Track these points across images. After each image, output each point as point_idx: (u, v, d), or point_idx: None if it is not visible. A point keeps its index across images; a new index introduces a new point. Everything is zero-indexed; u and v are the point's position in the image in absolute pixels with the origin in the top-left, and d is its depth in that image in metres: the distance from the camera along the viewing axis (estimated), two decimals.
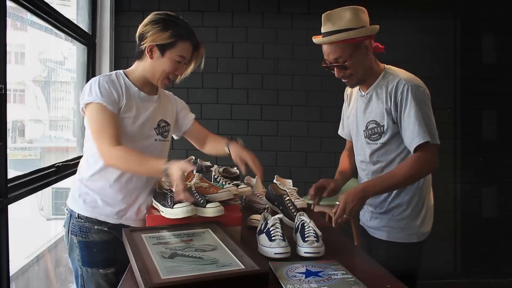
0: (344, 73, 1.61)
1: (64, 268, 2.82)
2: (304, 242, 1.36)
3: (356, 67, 1.58)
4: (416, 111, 1.50)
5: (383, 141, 1.61)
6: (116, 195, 1.53)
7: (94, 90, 1.46)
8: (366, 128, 1.65)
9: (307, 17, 3.17)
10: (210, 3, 3.14)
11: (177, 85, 3.26)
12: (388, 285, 1.14)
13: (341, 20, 1.56)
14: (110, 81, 1.50)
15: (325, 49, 1.61)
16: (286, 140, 3.20)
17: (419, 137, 1.49)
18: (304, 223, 1.44)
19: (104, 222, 1.52)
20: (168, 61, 1.51)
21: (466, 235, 3.28)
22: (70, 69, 2.94)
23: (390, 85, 1.57)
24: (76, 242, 1.52)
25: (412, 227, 1.63)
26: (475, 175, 3.27)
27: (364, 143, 1.68)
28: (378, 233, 1.68)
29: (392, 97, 1.55)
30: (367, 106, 1.66)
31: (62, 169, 2.26)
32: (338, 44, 1.56)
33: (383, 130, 1.59)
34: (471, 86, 3.26)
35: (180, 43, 1.51)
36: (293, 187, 2.02)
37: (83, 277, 1.52)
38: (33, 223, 2.77)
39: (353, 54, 1.56)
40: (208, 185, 1.59)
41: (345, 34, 1.53)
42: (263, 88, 3.20)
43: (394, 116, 1.56)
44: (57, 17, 2.23)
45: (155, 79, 1.55)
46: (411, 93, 1.52)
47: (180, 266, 1.09)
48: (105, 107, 1.45)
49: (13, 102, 2.29)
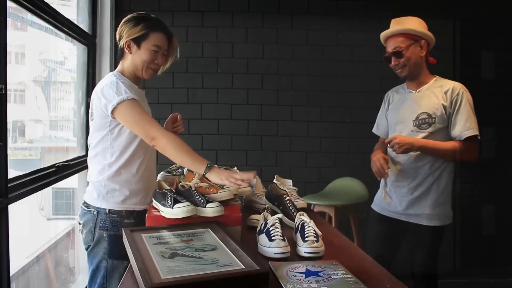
0: (399, 62, 1.94)
1: (64, 268, 2.82)
2: (304, 242, 1.36)
3: (410, 58, 1.93)
4: (468, 111, 1.89)
5: (431, 131, 1.91)
6: (139, 184, 1.68)
7: (121, 89, 1.57)
8: (416, 118, 1.95)
9: (307, 17, 3.17)
10: (210, 3, 3.14)
11: (177, 85, 3.30)
12: (388, 285, 1.14)
13: (405, 22, 1.97)
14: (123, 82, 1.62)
15: (389, 41, 1.98)
16: (286, 140, 3.20)
17: (470, 130, 1.87)
18: (304, 223, 1.45)
19: (131, 212, 1.66)
20: (145, 51, 1.66)
21: (466, 235, 3.28)
22: (70, 69, 2.94)
23: (446, 87, 1.93)
24: (106, 236, 1.63)
25: (445, 212, 1.96)
26: (475, 175, 3.27)
27: (410, 132, 1.95)
28: (417, 219, 1.95)
29: (449, 96, 1.91)
30: (420, 100, 1.96)
31: (62, 169, 2.26)
32: (400, 37, 1.94)
33: (434, 121, 1.91)
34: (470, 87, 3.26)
35: (152, 33, 1.65)
36: (293, 187, 2.02)
37: (107, 268, 1.63)
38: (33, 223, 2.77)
39: (409, 46, 1.93)
40: (208, 185, 1.59)
41: (408, 29, 1.93)
42: (263, 88, 3.20)
43: (448, 112, 1.90)
44: (57, 17, 2.23)
45: (139, 72, 1.69)
46: (465, 96, 1.91)
47: (180, 266, 1.09)
48: (137, 101, 1.58)
49: (13, 102, 2.29)
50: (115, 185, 1.65)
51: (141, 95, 1.72)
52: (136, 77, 1.72)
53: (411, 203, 1.96)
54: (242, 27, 3.16)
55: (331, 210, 2.71)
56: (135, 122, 1.56)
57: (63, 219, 2.93)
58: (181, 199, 1.44)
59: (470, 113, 1.89)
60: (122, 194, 1.65)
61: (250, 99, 3.19)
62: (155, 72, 1.72)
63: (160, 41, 1.67)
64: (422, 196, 1.94)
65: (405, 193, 1.97)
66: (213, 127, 3.18)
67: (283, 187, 1.85)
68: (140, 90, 1.74)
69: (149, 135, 1.54)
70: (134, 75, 1.71)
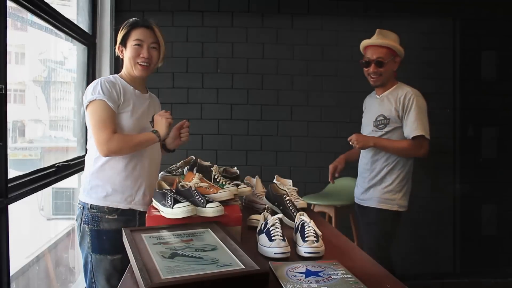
0: (377, 70, 2.23)
1: (64, 268, 2.82)
2: (304, 242, 1.36)
3: (387, 70, 2.24)
4: (416, 114, 2.17)
5: (387, 130, 2.24)
6: (124, 182, 1.71)
7: (97, 89, 1.66)
8: (375, 120, 2.28)
9: (307, 17, 3.17)
10: (210, 3, 3.14)
11: (177, 85, 3.30)
12: (388, 285, 1.14)
13: (390, 37, 2.26)
14: (110, 82, 1.71)
15: (372, 50, 2.24)
16: (286, 140, 3.20)
17: (416, 130, 2.16)
18: (304, 223, 1.44)
19: (115, 209, 1.70)
20: (129, 49, 1.75)
21: (466, 235, 3.28)
22: (70, 69, 2.93)
23: (401, 93, 2.23)
24: (88, 231, 1.68)
25: (394, 198, 2.23)
26: (475, 175, 3.27)
27: (371, 132, 2.29)
28: (369, 202, 2.29)
29: (401, 102, 2.21)
30: (380, 104, 2.29)
31: (62, 169, 2.26)
32: (384, 49, 2.22)
33: (388, 122, 2.23)
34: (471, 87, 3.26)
35: (133, 31, 1.75)
36: (293, 187, 2.02)
37: (92, 263, 1.69)
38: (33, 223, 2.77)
39: (389, 61, 2.23)
40: (208, 185, 1.59)
41: (394, 44, 2.23)
42: (263, 88, 3.20)
43: (400, 114, 2.20)
44: (57, 17, 2.23)
45: (131, 70, 1.77)
46: (415, 101, 2.19)
47: (180, 266, 1.09)
48: (106, 103, 1.64)
49: (13, 102, 2.28)
50: (98, 181, 1.70)
51: (138, 97, 1.78)
52: (135, 79, 1.79)
53: (367, 189, 2.30)
54: (242, 27, 3.16)
55: (331, 210, 2.71)
56: (94, 124, 1.65)
57: (63, 219, 2.92)
58: (181, 199, 1.44)
59: (419, 116, 2.16)
60: (104, 190, 1.70)
61: (250, 99, 3.19)
62: (146, 68, 1.76)
63: (140, 35, 1.74)
64: (377, 184, 2.27)
65: (365, 182, 2.33)
66: (213, 127, 3.18)
67: (283, 187, 1.85)
68: (141, 93, 1.80)
69: (99, 140, 1.63)
70: (131, 77, 1.78)
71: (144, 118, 1.78)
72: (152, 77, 2.01)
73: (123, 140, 1.64)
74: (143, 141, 1.69)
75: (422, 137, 2.16)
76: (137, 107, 1.75)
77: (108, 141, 1.61)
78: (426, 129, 2.18)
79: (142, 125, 1.76)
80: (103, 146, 1.62)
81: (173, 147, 1.97)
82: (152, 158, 1.81)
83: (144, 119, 1.78)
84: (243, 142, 3.19)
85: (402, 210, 2.25)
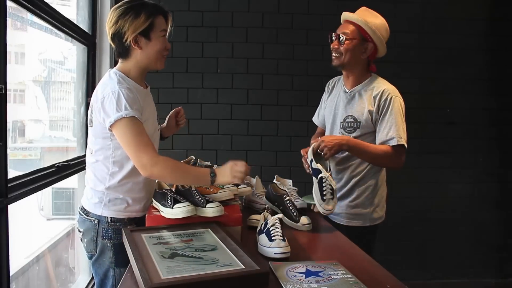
0: (338, 48, 1.86)
1: (64, 268, 2.82)
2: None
3: (350, 52, 1.83)
4: (393, 118, 1.79)
5: (356, 135, 1.86)
6: (142, 192, 1.60)
7: (121, 103, 1.43)
8: (343, 121, 1.91)
9: (307, 17, 3.17)
10: (210, 3, 3.14)
11: (177, 85, 3.30)
12: (388, 285, 1.14)
13: (371, 18, 1.84)
14: (127, 89, 1.49)
15: (343, 25, 1.89)
16: (286, 140, 3.20)
17: (392, 140, 1.78)
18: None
19: (134, 219, 1.59)
20: (157, 41, 1.53)
21: (465, 235, 3.28)
22: (70, 69, 2.93)
23: (375, 91, 1.83)
24: (110, 246, 1.55)
25: (364, 213, 1.89)
26: (475, 175, 3.27)
27: (338, 133, 1.93)
28: (338, 218, 1.93)
29: (376, 101, 1.82)
30: (349, 102, 1.91)
31: (62, 169, 2.25)
32: (353, 26, 1.84)
33: (358, 126, 1.86)
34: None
35: (156, 20, 1.52)
36: (293, 187, 2.03)
37: (115, 277, 1.56)
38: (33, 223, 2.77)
39: (354, 40, 1.83)
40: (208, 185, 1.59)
41: (364, 24, 1.82)
42: (263, 88, 3.20)
43: (374, 118, 1.83)
44: (57, 17, 2.23)
45: (154, 64, 1.57)
46: (393, 102, 1.80)
47: (180, 266, 1.09)
48: (137, 119, 1.45)
49: (13, 102, 2.28)
50: (118, 194, 1.57)
51: (145, 95, 1.61)
52: (141, 75, 1.61)
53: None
54: (242, 27, 3.16)
55: None
56: (128, 144, 1.45)
57: (63, 219, 2.92)
58: (181, 199, 1.44)
59: (396, 121, 1.78)
60: (124, 202, 1.58)
61: (250, 99, 3.19)
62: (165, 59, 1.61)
63: (164, 24, 1.56)
64: (343, 197, 1.91)
65: None
66: (213, 127, 3.18)
67: (283, 187, 1.85)
68: (145, 89, 1.63)
69: (142, 163, 1.43)
70: (140, 74, 1.60)
71: (155, 119, 1.66)
72: (152, 77, 2.00)
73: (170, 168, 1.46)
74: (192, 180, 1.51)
75: (399, 146, 1.78)
76: (150, 110, 1.62)
77: (153, 163, 1.43)
78: (404, 136, 1.79)
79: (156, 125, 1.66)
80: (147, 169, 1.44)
81: (167, 135, 1.90)
82: None
83: (155, 121, 1.66)
84: (243, 142, 3.19)
85: (378, 223, 1.94)
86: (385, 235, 2.19)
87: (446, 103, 3.24)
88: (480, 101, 3.26)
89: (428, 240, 3.26)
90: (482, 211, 3.28)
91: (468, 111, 3.26)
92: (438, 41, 3.21)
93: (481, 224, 3.28)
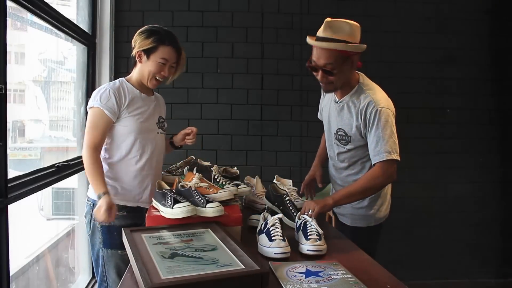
0: (327, 79, 1.73)
1: (64, 268, 2.82)
2: (307, 240, 1.36)
3: (340, 77, 1.72)
4: (379, 132, 1.69)
5: (349, 148, 1.84)
6: (133, 181, 1.80)
7: (97, 96, 1.72)
8: (336, 133, 1.88)
9: (306, 17, 3.17)
10: (210, 3, 3.14)
11: (177, 85, 3.30)
12: (388, 285, 1.14)
13: (342, 31, 1.66)
14: (114, 88, 1.76)
15: (318, 52, 1.71)
16: (286, 140, 3.20)
17: (379, 156, 1.69)
18: (307, 221, 1.45)
19: (124, 207, 1.77)
20: (153, 63, 1.77)
21: (465, 235, 3.28)
22: (70, 69, 2.93)
23: (362, 104, 1.74)
24: (99, 227, 1.75)
25: (369, 214, 1.90)
26: (475, 175, 3.27)
27: (333, 143, 1.92)
28: (344, 219, 1.97)
29: (362, 116, 1.74)
30: (339, 114, 1.85)
31: (62, 169, 2.26)
32: (333, 52, 1.66)
33: (350, 139, 1.82)
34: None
35: (161, 47, 1.76)
36: (293, 187, 2.02)
37: (103, 257, 1.77)
38: (33, 223, 2.77)
39: (340, 65, 1.69)
40: (208, 185, 1.60)
41: (344, 46, 1.65)
42: (263, 88, 3.20)
43: (363, 132, 1.76)
44: (57, 17, 2.23)
45: (145, 80, 1.81)
46: (378, 114, 1.70)
47: (180, 266, 1.09)
48: (102, 111, 1.71)
49: (13, 102, 2.28)
50: (108, 180, 1.75)
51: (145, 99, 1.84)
52: (141, 84, 1.84)
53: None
54: (242, 27, 3.16)
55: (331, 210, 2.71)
56: (86, 128, 1.73)
57: (63, 219, 2.92)
58: (181, 199, 1.44)
59: (382, 134, 1.69)
60: (113, 189, 1.76)
61: (250, 99, 3.19)
62: (159, 83, 1.84)
63: (168, 54, 1.77)
64: None
65: None
66: (213, 127, 3.18)
67: (283, 187, 1.85)
68: (148, 96, 1.86)
69: (84, 142, 1.70)
70: (141, 83, 1.83)
71: (151, 120, 1.85)
72: None
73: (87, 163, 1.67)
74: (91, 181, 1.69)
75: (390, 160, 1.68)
76: (143, 110, 1.81)
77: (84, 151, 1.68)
78: (397, 149, 1.70)
79: (150, 126, 1.84)
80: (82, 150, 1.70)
81: (178, 145, 2.06)
82: (158, 159, 1.89)
83: (151, 121, 1.85)
84: (243, 142, 3.19)
85: (382, 222, 1.95)
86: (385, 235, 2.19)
87: (446, 103, 3.24)
88: (480, 101, 3.26)
89: (428, 240, 3.26)
90: (482, 211, 3.28)
91: (468, 111, 3.26)
92: (438, 41, 3.21)
93: (481, 224, 3.28)
